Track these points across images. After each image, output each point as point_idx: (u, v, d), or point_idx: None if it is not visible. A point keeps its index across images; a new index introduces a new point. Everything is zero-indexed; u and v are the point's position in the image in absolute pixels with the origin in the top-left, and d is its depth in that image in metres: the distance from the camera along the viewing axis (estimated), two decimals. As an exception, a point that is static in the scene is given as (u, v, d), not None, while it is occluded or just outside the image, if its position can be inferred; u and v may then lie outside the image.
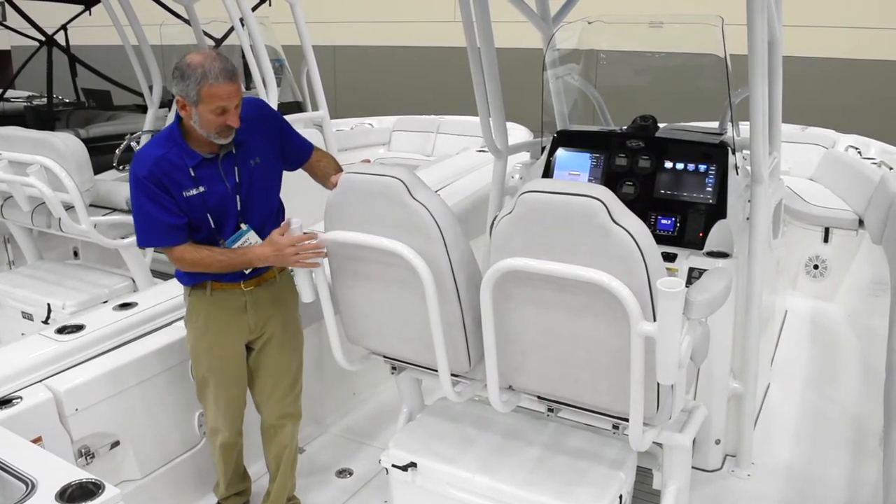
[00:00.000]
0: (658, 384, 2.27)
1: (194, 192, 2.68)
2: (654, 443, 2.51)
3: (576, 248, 2.17)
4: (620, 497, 2.54)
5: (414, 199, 2.43)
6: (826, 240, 5.05)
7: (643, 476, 2.80)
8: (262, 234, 2.78)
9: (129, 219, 4.39)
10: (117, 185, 4.63)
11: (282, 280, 2.97)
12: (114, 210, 4.45)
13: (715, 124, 3.59)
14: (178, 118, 2.69)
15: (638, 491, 2.82)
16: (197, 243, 2.72)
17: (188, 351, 2.96)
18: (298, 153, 2.98)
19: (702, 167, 3.26)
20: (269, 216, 2.87)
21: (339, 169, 2.92)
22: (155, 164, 2.62)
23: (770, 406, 3.85)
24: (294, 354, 3.07)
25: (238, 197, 2.76)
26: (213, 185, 2.71)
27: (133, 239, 4.39)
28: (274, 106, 4.85)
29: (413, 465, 2.72)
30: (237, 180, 2.75)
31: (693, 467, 2.80)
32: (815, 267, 5.13)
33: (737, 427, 3.37)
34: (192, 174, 2.67)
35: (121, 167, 5.29)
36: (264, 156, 2.83)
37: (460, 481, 2.64)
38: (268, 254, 2.68)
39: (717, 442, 3.36)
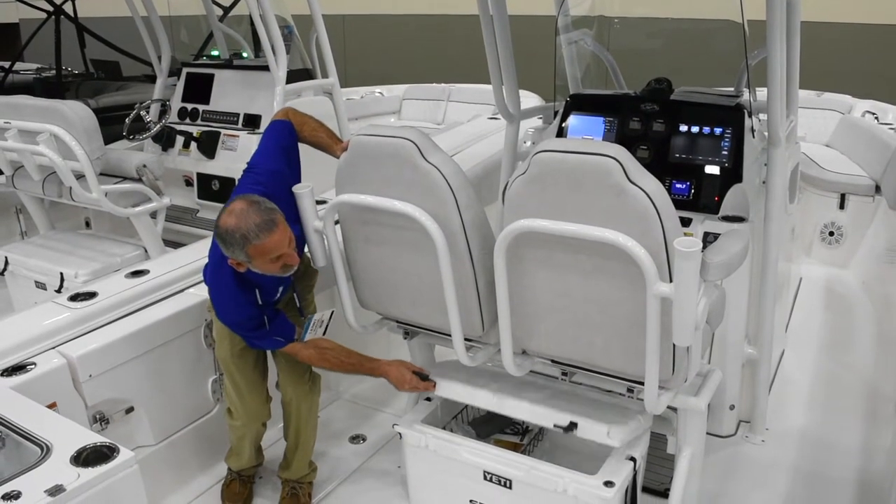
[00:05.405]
0: (674, 346, 2.25)
1: (278, 294, 2.78)
2: (668, 407, 2.50)
3: (591, 208, 2.14)
4: (634, 460, 2.54)
5: (426, 160, 2.40)
6: (842, 206, 5.00)
7: (657, 442, 2.80)
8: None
9: (140, 187, 4.39)
10: (128, 154, 4.61)
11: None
12: (124, 178, 4.43)
13: (730, 89, 3.53)
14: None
15: (652, 456, 2.82)
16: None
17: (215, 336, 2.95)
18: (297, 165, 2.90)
19: (717, 130, 3.21)
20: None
21: (320, 124, 2.92)
22: (248, 304, 2.65)
23: (784, 372, 3.84)
24: None
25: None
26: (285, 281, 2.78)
27: (144, 207, 4.41)
28: (283, 73, 4.83)
29: (426, 429, 2.73)
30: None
31: (707, 433, 2.78)
32: (831, 234, 5.08)
33: (751, 393, 3.36)
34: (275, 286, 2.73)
35: (131, 137, 5.26)
36: (294, 215, 2.77)
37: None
38: (393, 375, 2.87)
39: (731, 408, 3.35)
